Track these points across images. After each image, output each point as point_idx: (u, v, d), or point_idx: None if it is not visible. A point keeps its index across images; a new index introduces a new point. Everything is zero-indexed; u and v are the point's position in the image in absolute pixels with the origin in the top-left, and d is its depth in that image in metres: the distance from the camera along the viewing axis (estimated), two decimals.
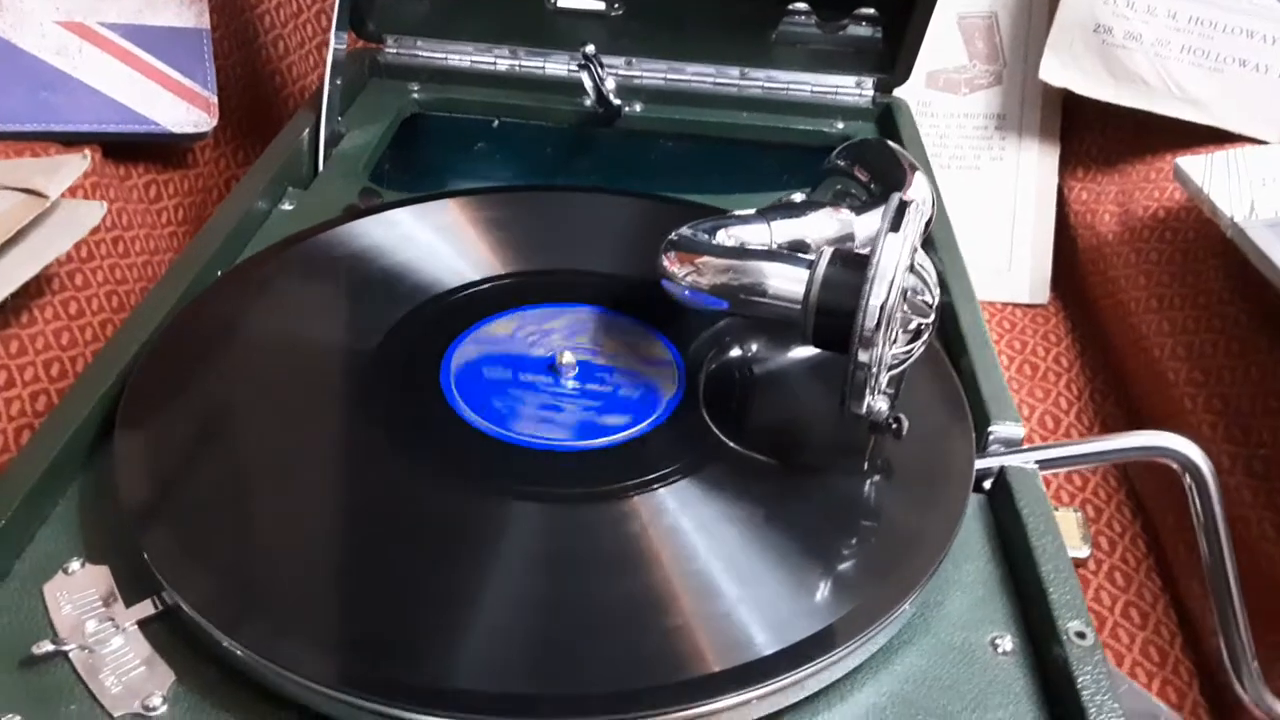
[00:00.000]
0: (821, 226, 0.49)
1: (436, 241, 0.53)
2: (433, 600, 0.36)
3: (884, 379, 0.40)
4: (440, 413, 0.43)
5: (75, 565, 0.38)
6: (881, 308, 0.38)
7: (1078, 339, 0.75)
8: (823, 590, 0.38)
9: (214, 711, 0.34)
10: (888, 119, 0.70)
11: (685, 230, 0.46)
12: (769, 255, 0.43)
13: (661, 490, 0.41)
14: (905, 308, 0.39)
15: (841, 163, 0.57)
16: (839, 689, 0.37)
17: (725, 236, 0.47)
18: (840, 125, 0.70)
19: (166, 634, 0.36)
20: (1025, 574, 0.40)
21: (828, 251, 0.41)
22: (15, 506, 0.39)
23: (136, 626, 0.37)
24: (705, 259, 0.45)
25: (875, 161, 0.55)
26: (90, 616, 0.37)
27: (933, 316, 0.40)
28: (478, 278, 0.51)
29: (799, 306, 0.42)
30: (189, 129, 0.70)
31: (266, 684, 0.35)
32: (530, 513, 0.40)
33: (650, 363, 0.47)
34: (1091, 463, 0.45)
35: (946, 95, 0.80)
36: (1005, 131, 0.79)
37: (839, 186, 0.55)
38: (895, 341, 0.40)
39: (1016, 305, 0.77)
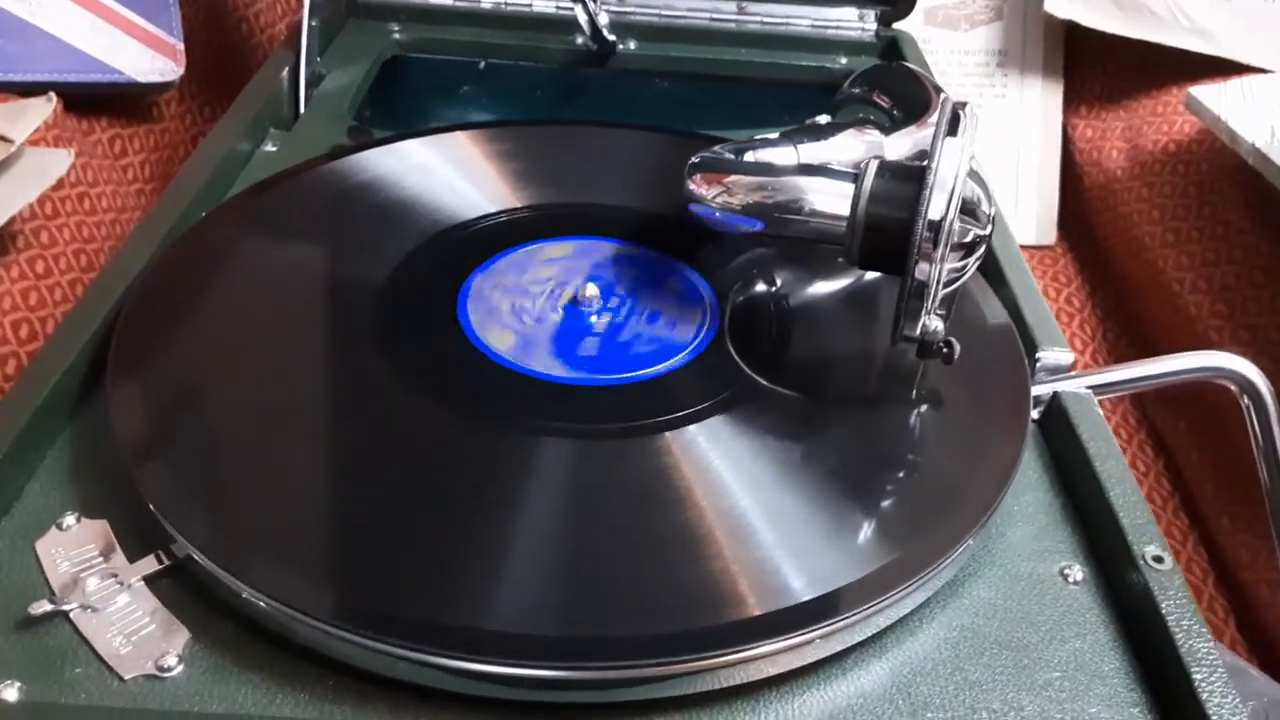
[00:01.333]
0: (848, 149, 0.46)
1: (448, 174, 0.50)
2: (462, 542, 0.33)
3: (939, 297, 0.37)
4: (460, 347, 0.40)
5: (70, 520, 0.35)
6: (941, 220, 0.36)
7: (1087, 279, 0.74)
8: (887, 524, 0.36)
9: (234, 669, 0.31)
10: (893, 53, 0.67)
11: (710, 152, 0.44)
12: (806, 170, 0.41)
13: (693, 427, 0.38)
14: (960, 219, 0.37)
15: (858, 90, 0.54)
16: (908, 624, 0.35)
17: (751, 159, 0.44)
18: (843, 60, 0.67)
19: (176, 589, 0.33)
20: (1091, 501, 0.38)
21: (874, 162, 0.38)
22: None
23: (143, 582, 0.33)
24: (735, 178, 0.42)
25: (896, 86, 0.52)
26: (91, 574, 0.33)
27: (990, 229, 0.38)
28: (493, 209, 0.48)
29: (842, 223, 0.39)
30: (155, 78, 0.66)
31: (291, 636, 0.31)
32: (556, 449, 0.37)
33: (679, 296, 0.44)
34: (1145, 386, 0.43)
35: (946, 31, 0.77)
36: (1007, 68, 0.77)
37: (860, 115, 0.52)
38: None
39: (1023, 247, 0.75)
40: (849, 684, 0.33)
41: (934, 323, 0.37)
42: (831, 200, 0.39)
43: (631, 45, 0.67)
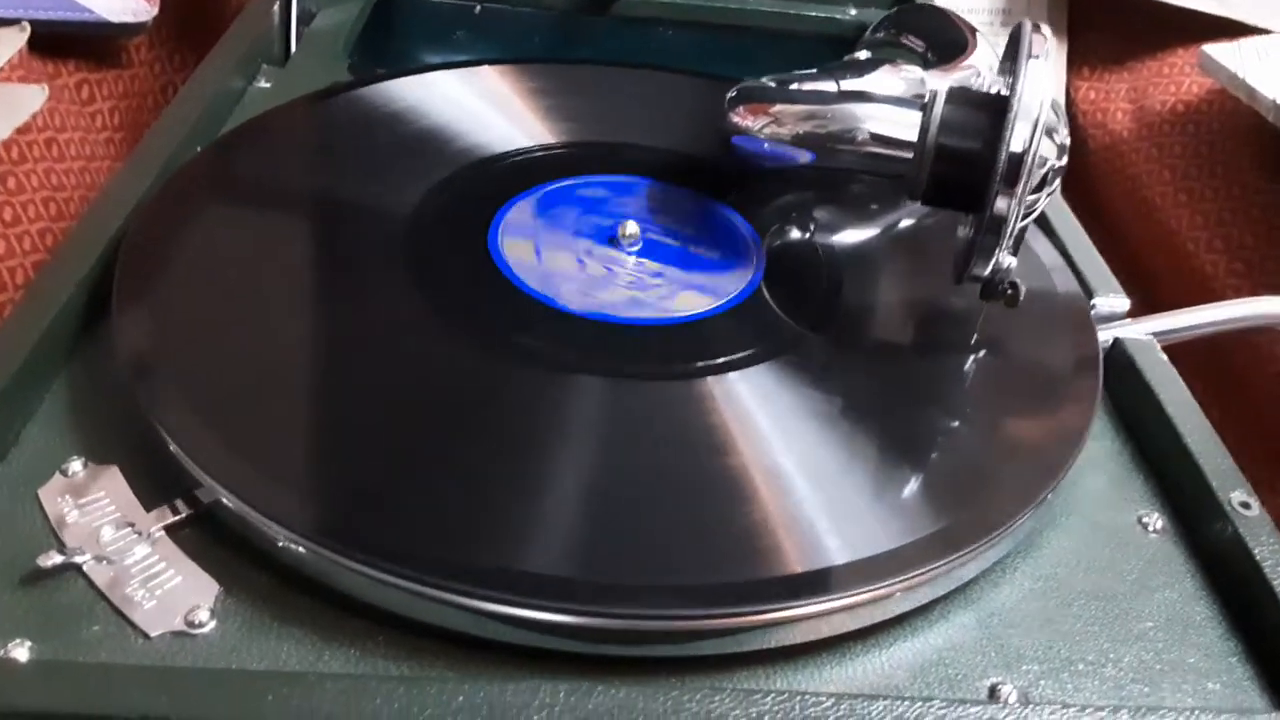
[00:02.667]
0: (890, 86, 0.44)
1: (478, 106, 0.47)
2: (524, 484, 0.31)
3: (1014, 234, 0.35)
4: (495, 282, 0.38)
5: (76, 465, 0.32)
6: (1024, 152, 0.33)
7: (1093, 241, 0.72)
8: (965, 474, 0.34)
9: (273, 624, 0.28)
10: (903, 3, 0.65)
11: (751, 82, 0.41)
12: (861, 97, 0.38)
13: (733, 374, 0.36)
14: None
15: (883, 34, 0.52)
16: (990, 576, 0.32)
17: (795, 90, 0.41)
18: (853, 12, 0.65)
19: (200, 539, 0.30)
20: (1166, 448, 0.36)
21: (942, 89, 0.36)
22: None
23: (164, 532, 0.30)
24: (783, 107, 0.39)
25: (928, 27, 0.50)
26: (104, 523, 0.30)
27: (1065, 159, 0.36)
28: (528, 144, 0.45)
29: (906, 154, 0.37)
30: (127, 18, 0.62)
31: (336, 586, 0.29)
32: (590, 388, 0.35)
33: (722, 238, 0.42)
34: (1205, 331, 0.41)
35: None
36: (1010, 27, 0.75)
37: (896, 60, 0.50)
38: None
39: None
40: (938, 636, 0.31)
41: (1007, 259, 0.35)
42: (893, 129, 0.37)
43: None
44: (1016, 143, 0.33)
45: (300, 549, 0.28)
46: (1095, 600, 0.32)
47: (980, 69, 0.47)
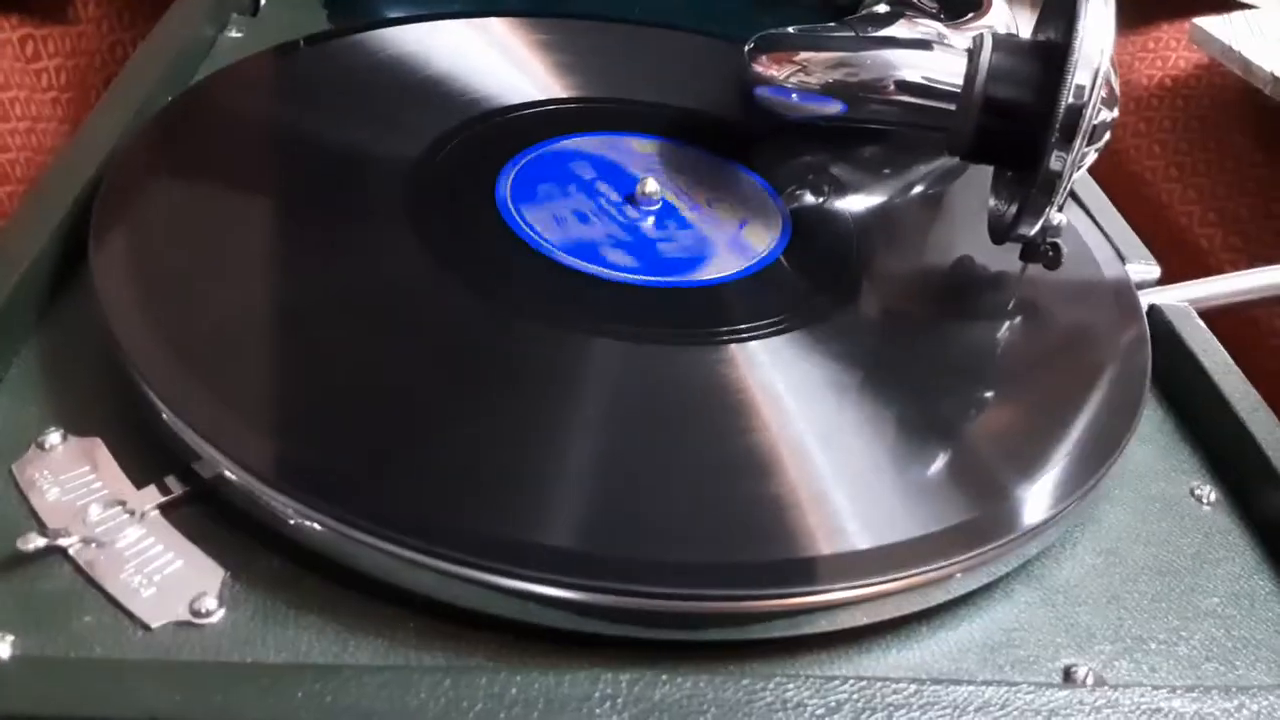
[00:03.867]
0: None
1: (485, 57, 0.45)
2: (549, 457, 0.28)
3: (1067, 190, 0.33)
4: (504, 238, 0.35)
5: (53, 438, 0.28)
6: (1085, 104, 0.31)
7: None
8: (1019, 449, 0.32)
9: (289, 612, 0.25)
10: None
11: (773, 30, 0.39)
12: (896, 43, 0.36)
13: (754, 343, 0.33)
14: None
15: None
16: (1051, 553, 0.31)
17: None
18: None
19: (200, 519, 0.27)
20: (1215, 419, 0.35)
21: (987, 36, 0.34)
22: None
23: (158, 511, 0.27)
24: (811, 55, 0.37)
25: None
26: (90, 501, 0.27)
27: (1117, 110, 0.34)
28: (539, 97, 0.42)
29: (947, 105, 0.35)
30: None
31: (360, 569, 0.26)
32: (603, 350, 0.32)
33: (747, 200, 0.39)
34: (1246, 299, 0.40)
35: None
36: None
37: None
38: None
39: None
40: (1005, 616, 0.29)
41: (1057, 217, 0.33)
42: (933, 78, 0.35)
43: None
44: (1076, 94, 0.31)
45: (316, 527, 0.25)
46: (1158, 576, 0.30)
47: (996, 28, 0.45)
